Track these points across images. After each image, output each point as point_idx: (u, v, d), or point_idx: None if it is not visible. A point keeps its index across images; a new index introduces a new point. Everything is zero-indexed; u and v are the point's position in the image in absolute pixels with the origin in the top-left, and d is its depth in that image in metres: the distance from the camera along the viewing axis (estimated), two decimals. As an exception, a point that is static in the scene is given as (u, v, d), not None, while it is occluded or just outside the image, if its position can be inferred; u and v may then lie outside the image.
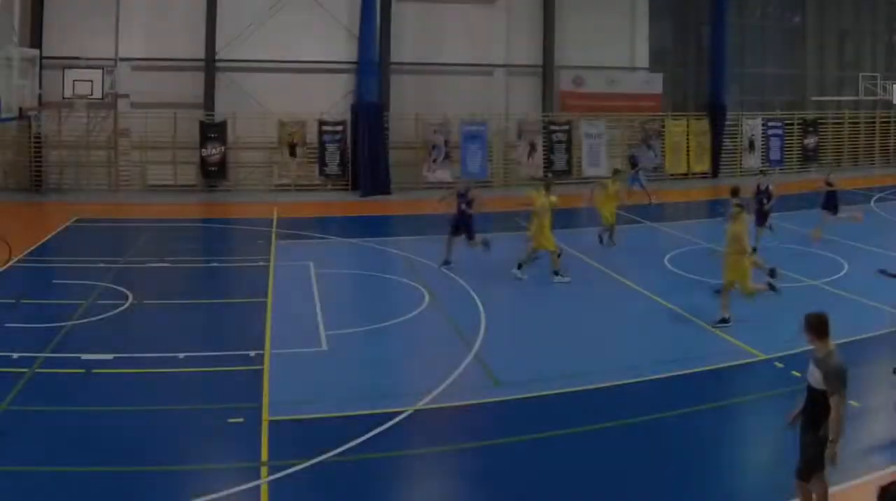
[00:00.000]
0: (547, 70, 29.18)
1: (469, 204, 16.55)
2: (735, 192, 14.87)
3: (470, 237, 16.68)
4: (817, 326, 6.68)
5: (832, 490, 6.95)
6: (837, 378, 6.45)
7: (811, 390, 6.67)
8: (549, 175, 25.87)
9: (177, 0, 27.30)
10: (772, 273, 14.48)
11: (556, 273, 15.65)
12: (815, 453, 6.59)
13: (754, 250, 15.68)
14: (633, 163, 27.02)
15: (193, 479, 8.15)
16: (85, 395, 10.09)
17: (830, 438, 6.44)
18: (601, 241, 18.93)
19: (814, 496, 6.83)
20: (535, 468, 8.26)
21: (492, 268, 16.41)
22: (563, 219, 17.26)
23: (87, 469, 8.28)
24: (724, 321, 12.76)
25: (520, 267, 15.77)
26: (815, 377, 6.61)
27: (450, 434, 9.30)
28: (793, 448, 6.98)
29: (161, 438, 8.97)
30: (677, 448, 8.86)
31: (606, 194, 18.89)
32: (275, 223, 21.98)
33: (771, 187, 18.10)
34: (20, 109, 22.28)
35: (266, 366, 11.13)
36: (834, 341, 6.71)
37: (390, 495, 8.13)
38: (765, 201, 17.87)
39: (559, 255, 15.79)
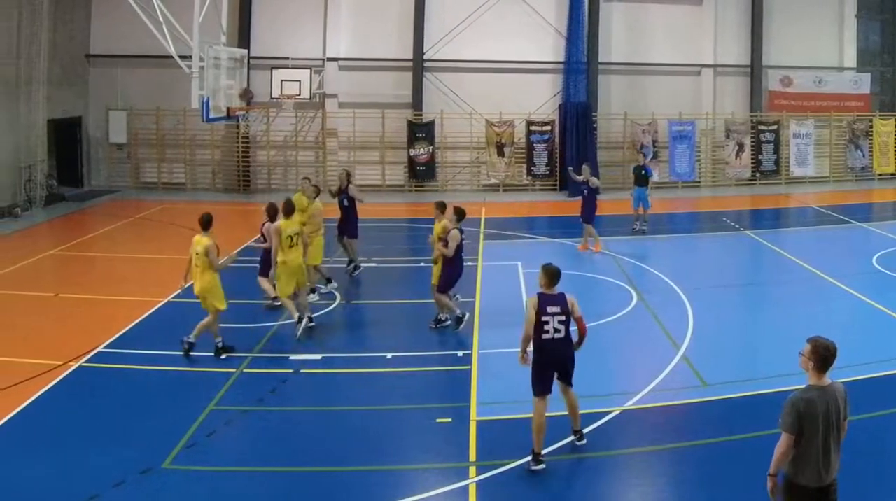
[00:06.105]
0: (755, 70, 28.58)
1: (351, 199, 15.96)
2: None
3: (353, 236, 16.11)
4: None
5: None
6: None
7: None
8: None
9: (384, 0, 27.40)
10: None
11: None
12: None
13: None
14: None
15: (402, 479, 8.16)
16: (292, 395, 10.12)
17: None
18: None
19: None
20: (746, 468, 7.91)
21: (701, 269, 16.22)
22: (773, 217, 16.92)
23: (293, 469, 8.28)
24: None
25: None
26: None
27: (658, 435, 9.14)
28: None
29: (369, 438, 8.95)
30: (889, 449, 8.47)
31: None
32: (482, 223, 21.67)
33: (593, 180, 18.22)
34: (228, 110, 22.19)
35: (474, 366, 11.09)
36: None
37: (599, 495, 7.96)
38: (585, 192, 17.98)
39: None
